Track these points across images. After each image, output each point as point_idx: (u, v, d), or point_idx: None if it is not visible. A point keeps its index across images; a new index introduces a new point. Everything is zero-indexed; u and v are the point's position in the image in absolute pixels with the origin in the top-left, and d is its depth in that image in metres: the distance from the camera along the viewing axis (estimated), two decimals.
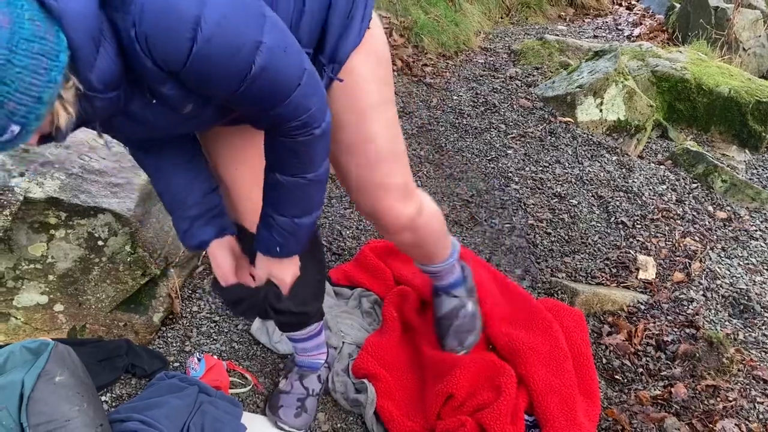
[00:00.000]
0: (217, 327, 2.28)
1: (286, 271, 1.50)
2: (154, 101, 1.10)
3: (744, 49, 5.00)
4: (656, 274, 2.60)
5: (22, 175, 1.88)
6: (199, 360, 2.04)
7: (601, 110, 3.63)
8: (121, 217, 2.01)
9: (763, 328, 2.30)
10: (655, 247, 2.74)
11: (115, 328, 2.12)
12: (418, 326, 2.20)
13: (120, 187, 2.05)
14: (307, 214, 1.38)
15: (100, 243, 2.00)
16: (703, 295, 2.45)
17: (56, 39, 0.88)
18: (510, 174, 3.18)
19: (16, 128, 0.88)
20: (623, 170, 3.27)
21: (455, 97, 3.92)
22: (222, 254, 1.52)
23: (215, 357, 2.11)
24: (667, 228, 2.86)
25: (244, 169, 1.56)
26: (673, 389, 2.08)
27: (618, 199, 3.04)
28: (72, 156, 2.02)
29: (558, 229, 2.83)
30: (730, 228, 2.90)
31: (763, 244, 2.79)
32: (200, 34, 0.97)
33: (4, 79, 0.84)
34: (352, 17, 1.39)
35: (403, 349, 2.18)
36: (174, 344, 2.20)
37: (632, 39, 5.54)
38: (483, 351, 2.11)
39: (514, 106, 3.78)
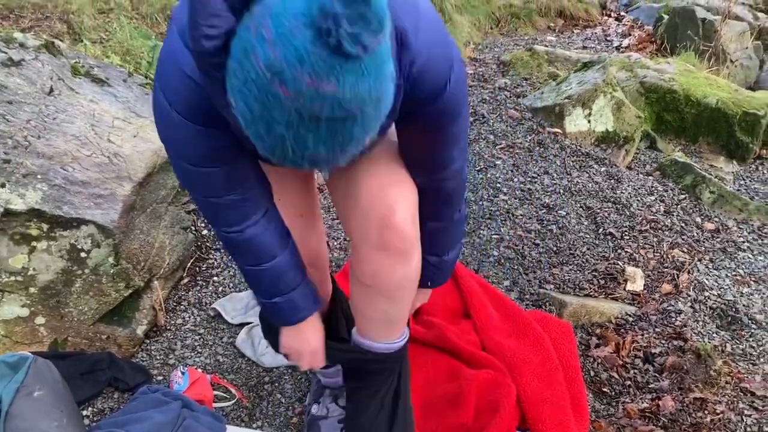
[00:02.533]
0: (201, 339, 2.26)
1: (426, 298, 1.76)
2: None
3: (731, 60, 5.04)
4: (644, 285, 2.59)
5: (2, 186, 1.85)
6: (182, 373, 2.01)
7: (589, 121, 3.64)
8: (104, 228, 1.99)
9: (751, 340, 2.29)
10: (644, 259, 2.74)
11: (97, 341, 2.09)
12: (417, 335, 2.16)
13: (103, 198, 2.03)
14: (454, 249, 1.59)
15: (82, 255, 1.97)
16: (691, 307, 2.44)
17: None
18: (498, 185, 3.18)
19: (369, 139, 0.94)
20: (612, 181, 3.27)
21: None
22: (317, 333, 1.62)
23: (199, 370, 2.09)
24: (655, 239, 2.86)
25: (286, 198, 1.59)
26: (661, 402, 2.07)
27: (606, 210, 3.03)
28: (55, 167, 2.00)
29: (546, 240, 2.82)
30: (718, 239, 2.91)
31: (750, 256, 2.80)
32: (453, 71, 1.18)
33: (387, 95, 0.89)
34: None
35: None
36: (158, 357, 2.18)
37: (621, 50, 5.57)
38: (481, 362, 2.07)
39: (503, 117, 3.78)
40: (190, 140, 1.19)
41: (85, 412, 1.94)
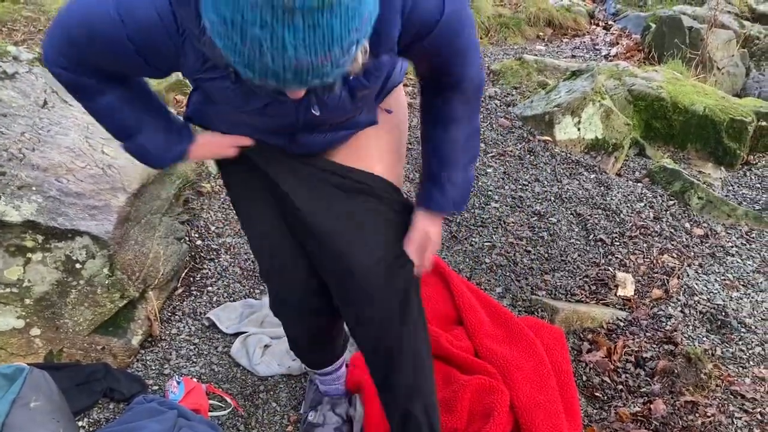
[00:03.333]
0: (196, 349, 2.27)
1: (439, 230, 1.54)
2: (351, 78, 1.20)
3: (718, 68, 5.10)
4: (635, 290, 2.62)
5: None
6: (178, 383, 2.02)
7: (579, 129, 3.68)
8: (99, 239, 2.00)
9: (740, 343, 2.32)
10: (634, 264, 2.77)
11: (93, 352, 2.10)
12: None
13: (98, 210, 2.05)
14: (473, 162, 1.51)
15: (77, 266, 1.99)
16: (681, 312, 2.47)
17: None
18: (490, 192, 3.21)
19: (355, 48, 0.88)
20: (601, 188, 3.31)
21: None
22: (214, 140, 1.46)
23: (195, 380, 2.10)
24: (645, 245, 2.89)
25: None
26: (652, 406, 2.09)
27: (597, 216, 3.07)
28: (49, 178, 2.01)
29: (538, 247, 2.85)
30: (706, 244, 2.94)
31: (739, 260, 2.83)
32: None
33: None
34: None
35: None
36: (153, 367, 2.18)
37: (609, 58, 5.62)
38: (475, 368, 2.08)
39: (494, 126, 3.81)
40: (114, 48, 1.14)
41: (81, 423, 1.95)
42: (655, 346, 2.32)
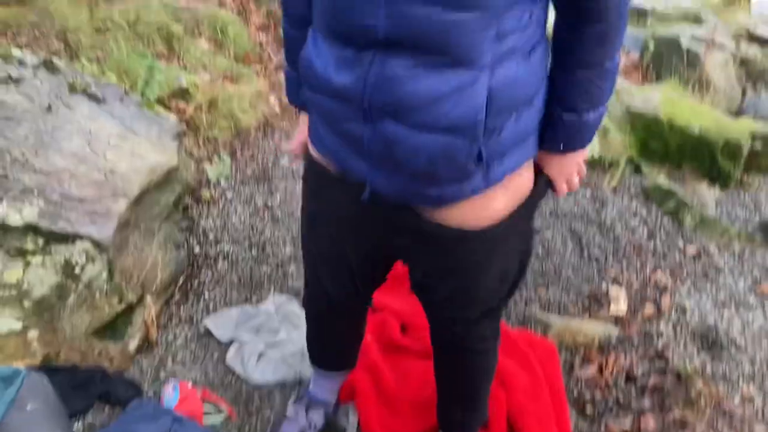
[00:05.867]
0: (192, 355, 2.28)
1: (572, 166, 1.40)
2: None
3: (715, 88, 5.15)
4: (628, 307, 2.65)
5: (0, 200, 1.89)
6: (173, 388, 2.04)
7: None
8: (99, 244, 2.02)
9: (730, 362, 2.35)
10: (627, 281, 2.79)
11: (90, 356, 2.11)
12: (405, 345, 2.22)
13: (99, 215, 2.07)
14: (597, 107, 1.29)
15: (77, 270, 2.00)
16: (673, 329, 2.50)
17: None
18: None
19: None
20: (597, 204, 3.34)
21: None
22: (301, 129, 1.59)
23: (190, 385, 2.11)
24: (638, 262, 2.92)
25: None
26: (642, 422, 2.11)
27: (591, 232, 3.10)
28: (52, 183, 2.04)
29: (532, 262, 2.87)
30: (699, 263, 2.97)
31: (730, 280, 2.86)
32: None
33: None
34: None
35: (385, 370, 2.17)
36: (149, 372, 2.20)
37: None
38: None
39: None
40: None
41: (76, 425, 1.96)
42: (646, 362, 2.35)
